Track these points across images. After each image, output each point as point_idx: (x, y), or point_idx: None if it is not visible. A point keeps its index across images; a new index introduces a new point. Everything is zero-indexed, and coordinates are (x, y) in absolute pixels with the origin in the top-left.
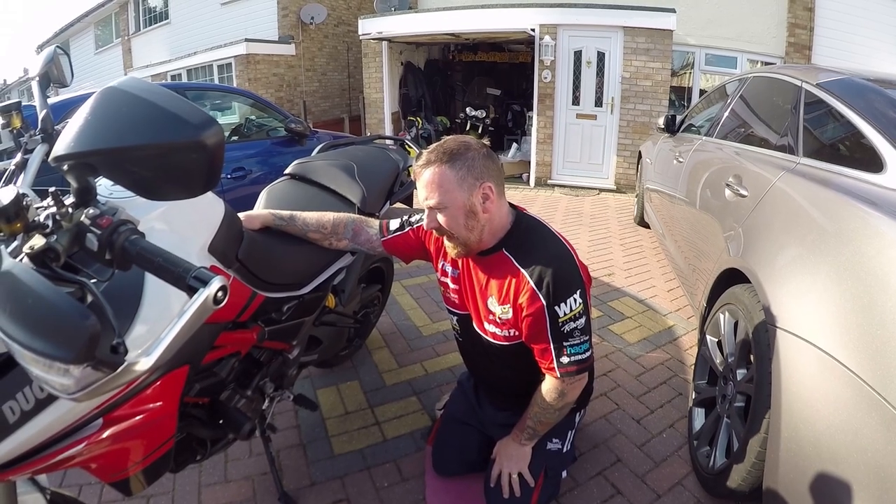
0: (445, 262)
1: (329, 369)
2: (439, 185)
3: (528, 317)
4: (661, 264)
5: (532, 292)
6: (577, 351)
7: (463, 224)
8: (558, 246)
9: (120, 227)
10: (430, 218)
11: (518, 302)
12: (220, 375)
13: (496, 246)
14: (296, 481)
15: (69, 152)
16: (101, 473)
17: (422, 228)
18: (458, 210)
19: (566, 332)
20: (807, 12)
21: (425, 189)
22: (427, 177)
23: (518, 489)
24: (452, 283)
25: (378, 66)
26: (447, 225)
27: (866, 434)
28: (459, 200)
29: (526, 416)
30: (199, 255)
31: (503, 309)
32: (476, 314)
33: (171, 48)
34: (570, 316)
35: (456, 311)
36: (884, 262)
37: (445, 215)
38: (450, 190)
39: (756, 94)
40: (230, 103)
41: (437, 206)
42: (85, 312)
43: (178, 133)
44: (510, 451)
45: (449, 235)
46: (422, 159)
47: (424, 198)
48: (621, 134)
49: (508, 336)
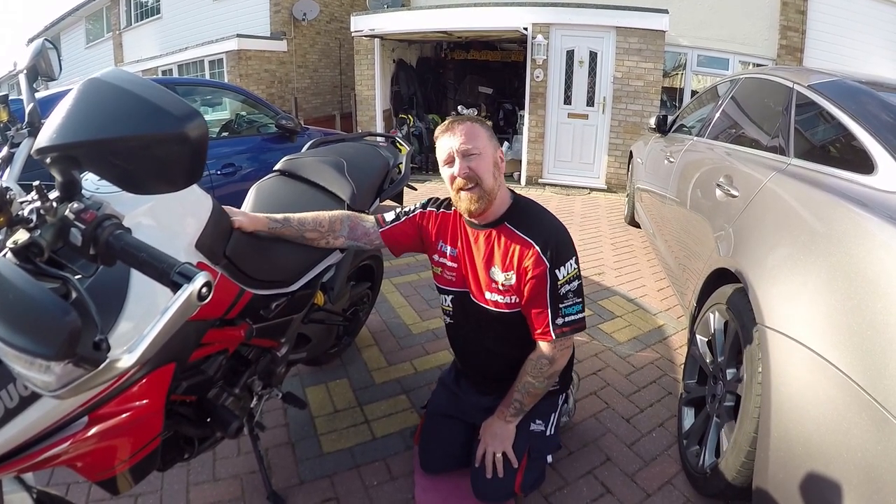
0: (444, 243)
1: (318, 367)
2: (477, 135)
3: (531, 279)
4: (652, 264)
5: (537, 256)
6: (570, 312)
7: (492, 172)
8: (554, 219)
9: (104, 222)
10: (463, 164)
11: (523, 265)
12: (207, 373)
13: (499, 219)
14: (284, 480)
15: (50, 144)
16: (88, 472)
17: (418, 216)
18: (489, 159)
19: (562, 294)
20: (799, 15)
21: (461, 136)
22: (463, 128)
23: (501, 469)
24: (451, 262)
25: (370, 64)
26: (479, 170)
27: (856, 434)
28: (489, 150)
29: (512, 390)
30: (187, 252)
31: (507, 276)
32: (476, 285)
33: (162, 43)
34: (566, 278)
35: (452, 288)
36: (874, 263)
37: (479, 161)
38: (484, 141)
39: (747, 95)
40: (221, 99)
41: (473, 150)
42: (65, 308)
43: (161, 125)
44: (494, 430)
45: (476, 184)
46: (449, 119)
47: (461, 143)
48: (612, 134)
49: (510, 303)
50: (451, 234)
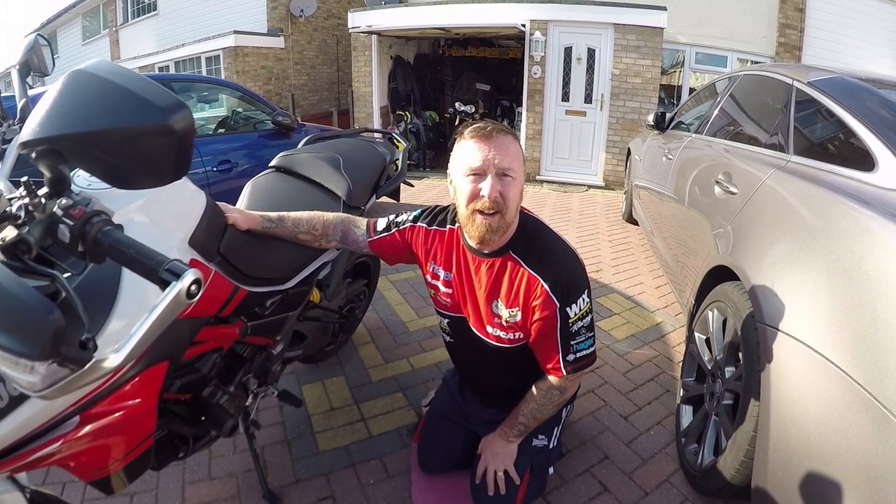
0: (437, 266)
1: (314, 365)
2: (517, 155)
3: (539, 320)
4: (649, 261)
5: (546, 295)
6: (582, 347)
7: (517, 203)
8: (565, 248)
9: (93, 219)
10: (496, 186)
11: (531, 304)
12: (201, 371)
13: (504, 248)
14: (280, 478)
15: (34, 138)
16: (81, 472)
17: (408, 230)
18: (520, 186)
19: (574, 332)
20: (797, 13)
21: (501, 152)
22: (504, 141)
23: (503, 487)
24: (444, 287)
25: (367, 60)
26: (508, 198)
27: (856, 433)
28: (521, 176)
29: (517, 413)
30: (180, 248)
31: (511, 312)
32: (476, 317)
33: (159, 40)
34: (579, 315)
35: (449, 313)
36: (875, 261)
37: (512, 187)
38: (521, 163)
39: (746, 92)
40: (218, 95)
41: (511, 172)
42: (49, 307)
43: (145, 117)
44: (496, 449)
45: (499, 211)
46: (489, 127)
47: (500, 160)
48: (610, 131)
49: (513, 339)
50: (445, 256)
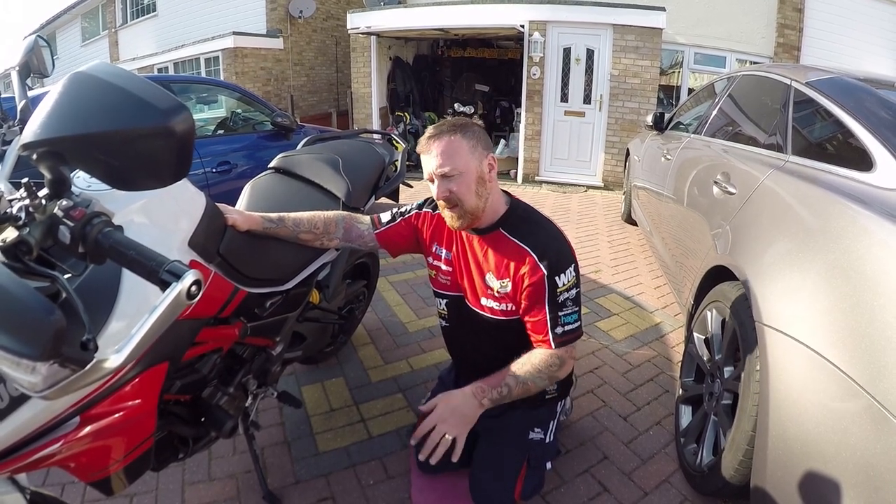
0: (440, 246)
1: (314, 366)
2: (455, 152)
3: (528, 287)
4: (648, 261)
5: (534, 264)
6: (569, 321)
7: (474, 191)
8: (553, 227)
9: (93, 220)
10: (442, 187)
11: (519, 273)
12: (201, 372)
13: (493, 225)
14: (280, 479)
15: (35, 139)
16: (81, 473)
17: (413, 217)
18: (472, 176)
19: (561, 302)
20: (796, 13)
21: (439, 158)
22: (440, 146)
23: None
24: (446, 266)
25: (366, 61)
26: (459, 192)
27: (855, 432)
28: (472, 167)
29: (505, 373)
30: (180, 250)
31: (502, 283)
32: (472, 291)
33: (158, 41)
34: (566, 286)
35: (448, 292)
36: (873, 261)
37: (458, 182)
38: (464, 157)
39: (745, 93)
40: (217, 97)
41: (451, 172)
42: (50, 308)
43: (145, 119)
44: (457, 404)
45: (456, 205)
46: (429, 133)
47: (438, 166)
48: (609, 131)
49: (505, 311)
50: (447, 236)
